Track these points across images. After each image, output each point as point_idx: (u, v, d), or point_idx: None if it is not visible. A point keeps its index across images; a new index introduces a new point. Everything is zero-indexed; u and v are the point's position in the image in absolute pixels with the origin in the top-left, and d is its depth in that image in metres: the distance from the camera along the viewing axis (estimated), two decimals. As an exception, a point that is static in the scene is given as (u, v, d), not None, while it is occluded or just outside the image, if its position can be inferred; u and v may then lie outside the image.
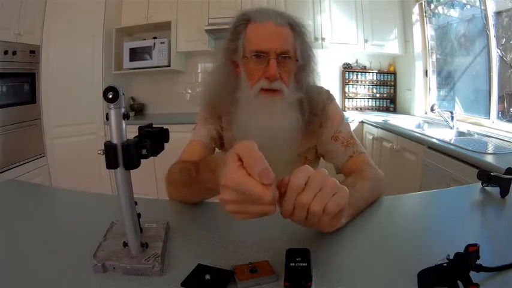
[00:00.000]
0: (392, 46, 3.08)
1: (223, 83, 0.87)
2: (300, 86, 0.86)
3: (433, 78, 2.97)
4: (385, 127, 2.45)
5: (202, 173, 0.64)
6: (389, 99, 3.36)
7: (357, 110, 3.34)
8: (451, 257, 0.44)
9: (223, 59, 0.87)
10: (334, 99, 0.97)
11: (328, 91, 0.97)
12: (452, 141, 1.80)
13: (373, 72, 3.33)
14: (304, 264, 0.46)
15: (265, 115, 0.82)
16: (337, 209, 0.48)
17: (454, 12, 2.77)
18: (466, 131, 2.13)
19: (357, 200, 0.68)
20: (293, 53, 0.82)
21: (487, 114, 2.27)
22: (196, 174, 0.66)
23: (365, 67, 3.35)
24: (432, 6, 2.89)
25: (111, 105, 0.46)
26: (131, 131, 0.47)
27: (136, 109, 3.23)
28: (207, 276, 0.47)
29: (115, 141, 0.47)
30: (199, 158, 0.87)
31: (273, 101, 0.81)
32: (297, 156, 0.94)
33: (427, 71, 2.96)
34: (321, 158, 1.00)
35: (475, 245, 0.44)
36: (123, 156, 0.47)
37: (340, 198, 0.48)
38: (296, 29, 0.84)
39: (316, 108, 0.90)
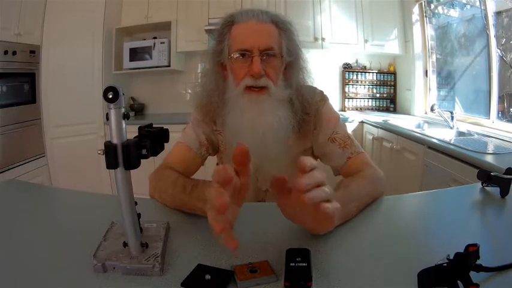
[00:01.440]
0: (392, 46, 3.08)
1: (213, 86, 0.87)
2: (289, 84, 0.85)
3: (433, 78, 2.96)
4: (385, 127, 2.45)
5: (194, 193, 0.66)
6: (389, 99, 3.36)
7: (357, 110, 3.34)
8: (451, 257, 0.44)
9: (211, 62, 0.88)
10: (328, 99, 0.95)
11: (321, 92, 0.96)
12: (452, 141, 1.80)
13: (373, 72, 3.33)
14: (304, 264, 0.46)
15: (253, 114, 0.82)
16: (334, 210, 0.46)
17: (454, 12, 2.77)
18: (466, 131, 2.13)
19: (351, 200, 0.68)
20: (278, 49, 0.82)
21: (487, 114, 2.27)
22: (189, 192, 0.69)
23: (365, 67, 3.35)
24: (432, 6, 2.89)
25: (111, 105, 0.46)
26: (131, 131, 0.47)
27: (136, 109, 3.23)
28: (207, 276, 0.47)
29: (115, 141, 0.47)
30: (184, 162, 0.89)
31: (259, 99, 0.81)
32: (292, 159, 0.93)
33: (427, 71, 2.96)
34: (318, 160, 1.00)
35: (475, 245, 0.44)
36: (123, 156, 0.47)
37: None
38: (281, 26, 0.84)
39: (308, 108, 0.89)
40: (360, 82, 3.34)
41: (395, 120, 2.65)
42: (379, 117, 2.78)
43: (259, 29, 0.81)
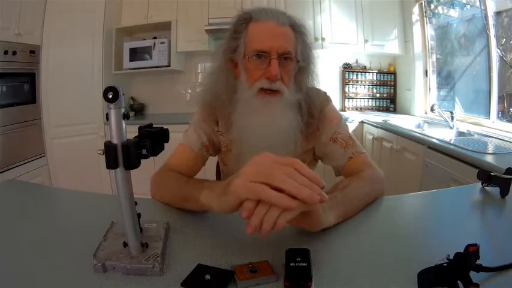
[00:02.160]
0: (392, 46, 3.08)
1: (222, 84, 0.86)
2: (299, 88, 0.86)
3: (433, 78, 2.96)
4: (385, 127, 2.45)
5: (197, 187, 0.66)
6: (389, 99, 3.36)
7: (357, 110, 3.34)
8: (451, 257, 0.44)
9: (222, 59, 0.86)
10: (331, 100, 0.96)
11: (325, 93, 0.97)
12: (452, 141, 1.80)
13: (373, 72, 3.33)
14: (304, 264, 0.46)
15: (265, 115, 0.82)
16: (285, 225, 0.47)
17: (454, 12, 2.77)
18: (466, 131, 2.13)
19: (349, 199, 0.68)
20: (294, 53, 0.82)
21: (487, 114, 2.27)
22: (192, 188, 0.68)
23: (365, 67, 3.35)
24: (432, 6, 2.89)
25: (111, 105, 0.46)
26: (131, 131, 0.47)
27: (136, 109, 3.23)
28: (207, 276, 0.47)
29: (115, 141, 0.47)
30: (186, 163, 0.89)
31: (272, 102, 0.81)
32: None
33: (427, 71, 2.96)
34: (319, 160, 1.00)
35: (475, 245, 0.44)
36: (123, 156, 0.47)
37: (283, 218, 0.47)
38: (297, 29, 0.84)
39: (314, 111, 0.89)
40: (360, 82, 3.33)
41: (395, 120, 2.64)
42: (379, 117, 2.78)
43: (279, 31, 0.80)
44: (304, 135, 0.89)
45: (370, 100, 3.36)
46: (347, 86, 3.33)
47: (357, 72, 3.33)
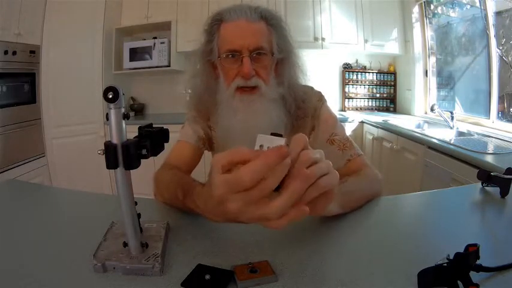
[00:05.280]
0: (392, 46, 3.08)
1: (204, 86, 0.86)
2: (281, 81, 0.85)
3: (433, 79, 2.97)
4: (385, 127, 2.45)
5: (188, 199, 0.63)
6: (389, 99, 3.36)
7: (356, 110, 3.34)
8: (451, 257, 0.44)
9: (201, 62, 0.87)
10: (326, 101, 0.95)
11: (319, 92, 0.95)
12: (452, 141, 1.80)
13: (373, 72, 3.33)
14: None
15: (246, 115, 0.81)
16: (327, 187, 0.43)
17: (454, 13, 2.77)
18: (466, 131, 2.13)
19: (350, 191, 0.68)
20: (268, 48, 0.81)
21: (487, 114, 2.27)
22: (183, 198, 0.66)
23: (365, 67, 3.35)
24: (432, 6, 2.89)
25: (111, 105, 0.46)
26: (131, 131, 0.47)
27: (136, 109, 3.23)
28: (207, 276, 0.47)
29: (115, 141, 0.47)
30: (185, 158, 0.89)
31: (251, 100, 0.80)
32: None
33: (427, 71, 2.97)
34: None
35: (475, 245, 0.44)
36: (123, 156, 0.47)
37: (332, 179, 0.44)
38: (272, 22, 0.82)
39: (303, 104, 0.88)
40: (359, 82, 3.33)
41: (395, 120, 2.65)
42: (379, 117, 2.78)
43: (249, 28, 0.79)
44: (295, 129, 0.88)
45: (370, 100, 3.36)
46: (347, 86, 3.33)
47: (356, 72, 3.33)
